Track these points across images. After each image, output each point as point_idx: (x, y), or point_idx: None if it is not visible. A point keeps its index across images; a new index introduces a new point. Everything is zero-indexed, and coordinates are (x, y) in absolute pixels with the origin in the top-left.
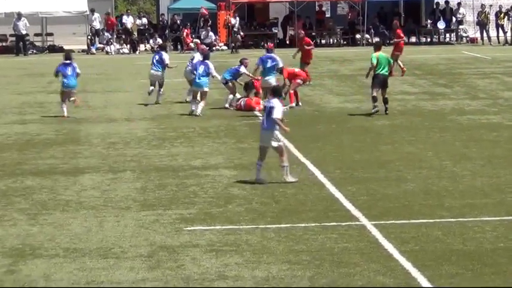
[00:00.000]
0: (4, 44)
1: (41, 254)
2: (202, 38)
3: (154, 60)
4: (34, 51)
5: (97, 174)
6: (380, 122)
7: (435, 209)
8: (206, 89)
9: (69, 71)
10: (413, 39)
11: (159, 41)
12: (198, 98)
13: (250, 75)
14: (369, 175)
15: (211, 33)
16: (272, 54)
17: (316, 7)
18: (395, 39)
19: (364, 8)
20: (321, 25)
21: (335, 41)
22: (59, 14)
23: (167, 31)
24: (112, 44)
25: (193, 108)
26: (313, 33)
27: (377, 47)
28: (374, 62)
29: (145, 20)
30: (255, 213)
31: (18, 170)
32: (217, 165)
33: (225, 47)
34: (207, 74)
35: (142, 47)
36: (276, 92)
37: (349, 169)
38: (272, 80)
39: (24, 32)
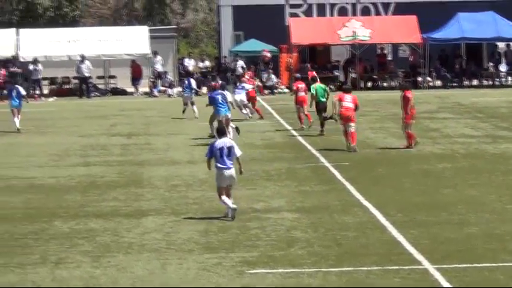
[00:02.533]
0: (67, 86)
1: None
2: (263, 80)
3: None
4: (97, 93)
5: (159, 216)
6: (441, 164)
7: (498, 252)
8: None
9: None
10: (475, 82)
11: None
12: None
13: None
14: (431, 218)
15: (272, 76)
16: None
17: (378, 50)
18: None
19: (426, 51)
20: (383, 68)
21: (397, 83)
22: (121, 57)
23: (228, 73)
24: (174, 86)
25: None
26: (375, 76)
27: (314, 81)
28: (313, 92)
29: (207, 63)
30: (317, 256)
31: (82, 212)
32: (279, 208)
33: (287, 90)
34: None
35: (204, 89)
36: (223, 131)
37: (411, 212)
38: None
39: (87, 75)
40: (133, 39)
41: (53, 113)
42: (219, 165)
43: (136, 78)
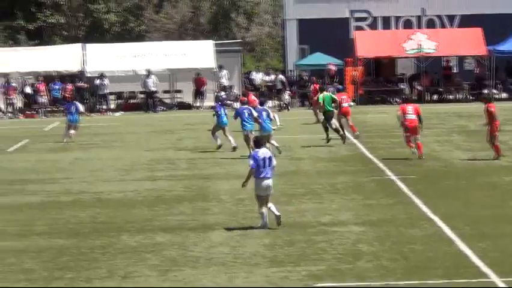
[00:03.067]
0: (133, 101)
1: None
2: None
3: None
4: (163, 108)
5: (226, 230)
6: (509, 177)
7: None
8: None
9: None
10: None
11: (287, 97)
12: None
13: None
14: (499, 231)
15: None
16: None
17: (443, 63)
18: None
19: (491, 63)
20: (449, 81)
21: (463, 96)
22: (187, 71)
23: (294, 87)
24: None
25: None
26: (441, 89)
27: (322, 91)
28: (321, 101)
29: (273, 77)
30: (384, 269)
31: (149, 226)
32: (345, 221)
33: (352, 103)
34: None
35: (270, 103)
36: (260, 142)
37: (478, 225)
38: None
39: (153, 89)
40: (198, 54)
41: (120, 127)
42: (261, 175)
43: (199, 92)
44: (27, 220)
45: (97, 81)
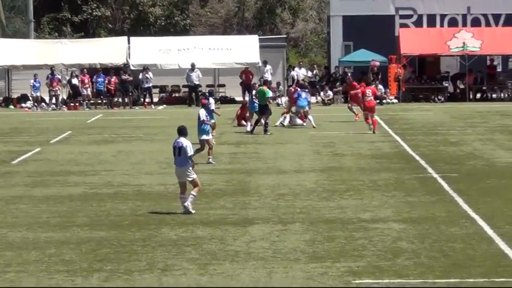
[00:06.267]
0: (177, 94)
1: None
2: None
3: None
4: None
5: (266, 225)
6: None
7: None
8: None
9: None
10: None
11: (330, 93)
12: None
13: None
14: None
15: (380, 86)
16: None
17: (488, 61)
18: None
19: None
20: (492, 79)
21: (506, 95)
22: (231, 66)
23: (337, 83)
24: (282, 96)
25: None
26: (484, 88)
27: (264, 84)
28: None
29: (316, 72)
30: (424, 267)
31: (189, 219)
32: (386, 218)
33: (395, 100)
34: None
35: (313, 99)
36: (183, 132)
37: None
38: None
39: (197, 83)
40: (243, 48)
41: (163, 121)
42: (175, 162)
43: (247, 86)
44: (68, 212)
45: (141, 75)
